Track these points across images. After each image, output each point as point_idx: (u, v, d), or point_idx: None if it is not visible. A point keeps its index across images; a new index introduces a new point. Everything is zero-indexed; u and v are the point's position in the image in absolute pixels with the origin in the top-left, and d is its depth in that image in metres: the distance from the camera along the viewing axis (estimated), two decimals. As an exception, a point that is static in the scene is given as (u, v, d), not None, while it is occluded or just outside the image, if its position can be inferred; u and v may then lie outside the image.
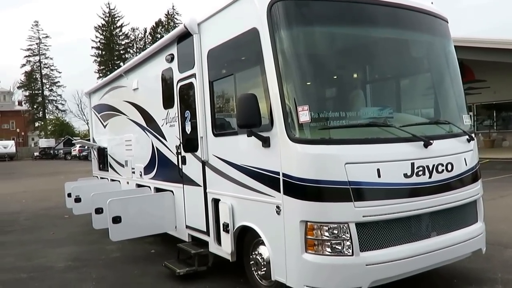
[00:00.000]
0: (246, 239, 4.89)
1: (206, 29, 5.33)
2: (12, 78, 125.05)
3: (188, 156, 6.00)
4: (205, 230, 5.65)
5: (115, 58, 77.95)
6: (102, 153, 10.82)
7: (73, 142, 33.70)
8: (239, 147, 4.79)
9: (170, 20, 79.36)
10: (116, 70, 9.31)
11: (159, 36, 76.30)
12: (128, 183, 8.81)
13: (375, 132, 4.11)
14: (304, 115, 3.89)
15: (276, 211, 4.21)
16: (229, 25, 4.81)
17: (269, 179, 4.31)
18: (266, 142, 4.26)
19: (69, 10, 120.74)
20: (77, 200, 8.83)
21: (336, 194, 3.87)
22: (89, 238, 8.69)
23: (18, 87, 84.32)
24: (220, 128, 5.26)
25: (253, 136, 4.27)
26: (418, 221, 4.24)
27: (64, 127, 71.05)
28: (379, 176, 3.94)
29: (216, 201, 5.38)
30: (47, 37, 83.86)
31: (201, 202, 5.69)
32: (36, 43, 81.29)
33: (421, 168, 4.13)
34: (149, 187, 7.56)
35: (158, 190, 7.22)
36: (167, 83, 6.53)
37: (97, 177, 11.37)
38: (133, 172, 8.38)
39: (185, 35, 5.76)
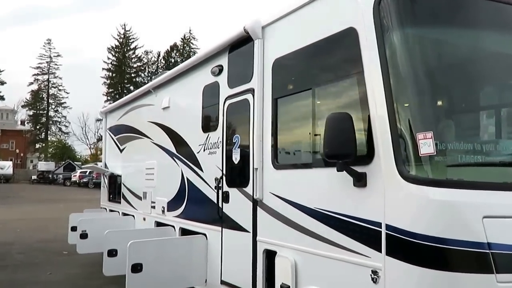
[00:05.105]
0: (315, 310, 3.89)
1: (273, 34, 4.56)
2: (18, 96, 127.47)
3: (233, 192, 5.11)
4: (250, 290, 4.67)
5: (125, 81, 78.69)
6: (114, 181, 10.02)
7: (82, 166, 33.09)
8: (314, 185, 3.88)
9: (185, 45, 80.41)
10: (142, 87, 8.61)
11: (173, 60, 77.18)
12: (144, 219, 7.90)
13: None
14: (427, 145, 2.98)
15: (372, 278, 3.24)
16: (310, 27, 4.02)
17: (361, 231, 3.37)
18: (360, 180, 3.35)
19: (84, 29, 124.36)
20: (83, 236, 7.93)
21: (470, 260, 2.90)
22: (92, 284, 7.82)
23: (23, 106, 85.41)
24: (285, 159, 4.37)
25: (344, 171, 3.36)
26: None
27: (66, 150, 71.04)
28: None
29: (270, 254, 4.44)
30: (58, 55, 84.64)
31: (247, 253, 4.74)
32: (47, 62, 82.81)
33: None
34: (173, 227, 6.63)
35: (184, 231, 6.30)
36: (210, 100, 5.74)
37: (105, 209, 10.53)
38: (153, 207, 7.48)
39: (241, 42, 5.01)
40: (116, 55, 79.52)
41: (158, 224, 7.22)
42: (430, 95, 3.33)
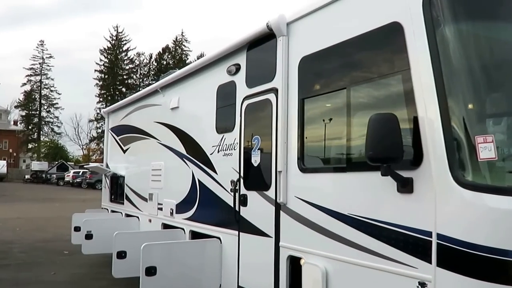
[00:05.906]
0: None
1: (299, 30, 4.21)
2: (12, 97, 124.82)
3: (251, 195, 4.75)
4: (272, 297, 4.31)
5: (118, 83, 77.43)
6: (117, 181, 9.57)
7: (85, 166, 32.18)
8: (348, 190, 3.54)
9: (178, 47, 79.43)
10: (149, 86, 8.19)
11: (164, 62, 76.22)
12: (150, 221, 7.49)
13: None
14: (487, 150, 2.66)
15: (419, 290, 2.92)
16: (345, 22, 3.68)
17: (406, 240, 3.05)
18: (406, 186, 3.02)
19: (77, 30, 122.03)
20: (89, 236, 7.50)
21: (533, 274, 2.59)
22: (98, 285, 7.40)
23: (16, 106, 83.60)
24: (313, 162, 4.02)
25: (388, 176, 3.03)
26: None
27: (59, 150, 69.69)
28: None
29: (294, 260, 4.09)
30: (51, 57, 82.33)
31: (269, 258, 4.39)
32: (39, 63, 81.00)
33: None
34: (183, 229, 6.24)
35: (195, 234, 5.92)
36: (225, 100, 5.36)
37: (107, 209, 10.06)
38: (160, 209, 7.07)
39: (261, 40, 4.66)
40: (109, 57, 78.03)
41: (165, 226, 6.82)
42: (490, 94, 3.02)
